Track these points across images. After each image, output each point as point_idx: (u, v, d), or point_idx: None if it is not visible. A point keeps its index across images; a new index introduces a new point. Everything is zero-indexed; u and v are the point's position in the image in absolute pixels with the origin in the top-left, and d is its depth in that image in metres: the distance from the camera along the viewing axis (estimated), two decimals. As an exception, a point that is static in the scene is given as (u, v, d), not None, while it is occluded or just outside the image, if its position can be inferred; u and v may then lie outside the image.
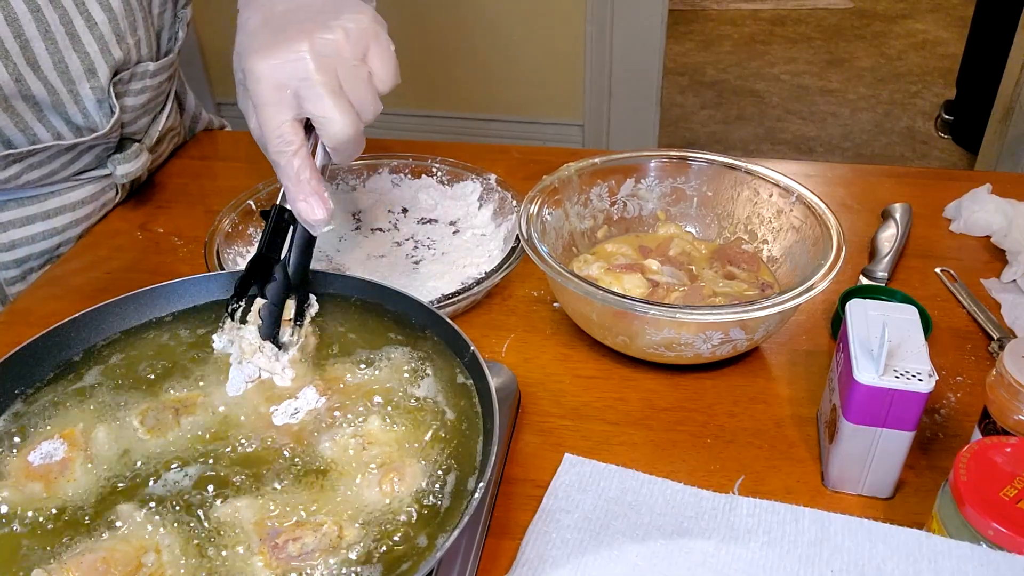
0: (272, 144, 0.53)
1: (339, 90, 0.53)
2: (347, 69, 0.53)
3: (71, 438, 0.51)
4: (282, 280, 0.57)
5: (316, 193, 0.54)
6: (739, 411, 0.64)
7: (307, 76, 0.52)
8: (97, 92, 0.80)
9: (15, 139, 0.79)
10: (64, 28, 0.75)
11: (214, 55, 2.83)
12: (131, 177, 0.88)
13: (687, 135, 3.05)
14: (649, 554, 0.50)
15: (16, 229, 0.84)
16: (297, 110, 0.53)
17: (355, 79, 0.53)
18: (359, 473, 0.50)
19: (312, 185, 0.54)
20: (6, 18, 0.72)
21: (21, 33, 0.73)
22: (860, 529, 0.50)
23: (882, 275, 0.76)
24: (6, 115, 0.76)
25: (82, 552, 0.45)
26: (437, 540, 0.45)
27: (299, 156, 0.53)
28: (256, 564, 0.44)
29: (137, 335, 0.60)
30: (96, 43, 0.78)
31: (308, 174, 0.54)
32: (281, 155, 0.53)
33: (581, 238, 0.77)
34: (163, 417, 0.53)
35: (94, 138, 0.82)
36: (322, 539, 0.45)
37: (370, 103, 0.55)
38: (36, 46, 0.74)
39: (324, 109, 0.52)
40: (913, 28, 3.88)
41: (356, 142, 0.54)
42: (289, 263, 0.58)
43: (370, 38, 0.55)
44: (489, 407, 0.51)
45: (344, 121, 0.53)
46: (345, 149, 0.54)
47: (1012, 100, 2.30)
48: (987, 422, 0.52)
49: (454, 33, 2.56)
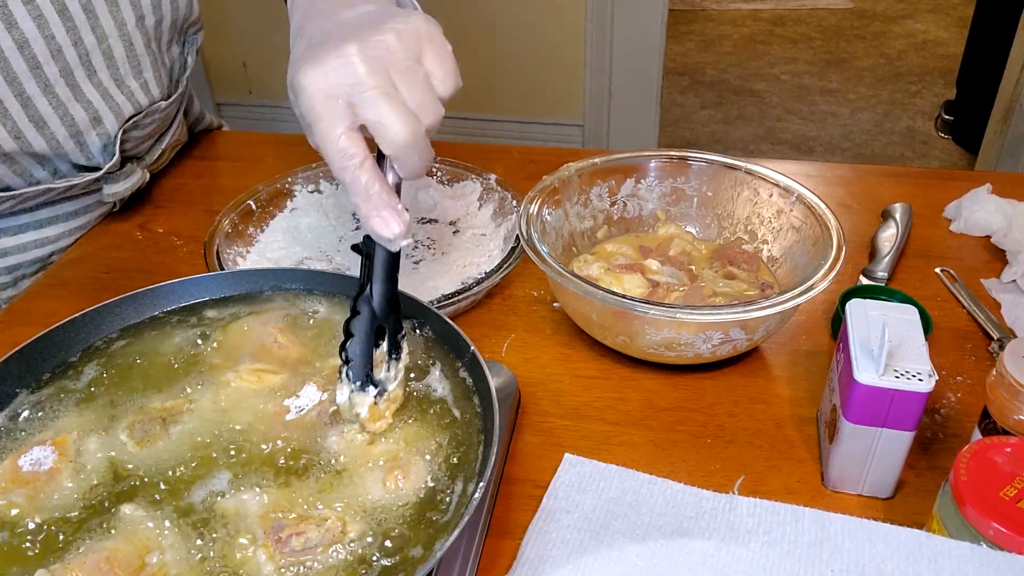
0: (334, 160, 0.49)
1: (394, 92, 0.48)
2: (401, 71, 0.49)
3: (62, 446, 0.51)
4: (367, 313, 0.52)
5: (389, 206, 0.49)
6: (739, 411, 0.64)
7: (358, 81, 0.48)
8: (103, 138, 0.79)
9: (13, 183, 0.78)
10: (65, 80, 0.74)
11: (213, 55, 2.83)
12: (118, 197, 0.86)
13: (687, 135, 3.05)
14: (649, 554, 0.50)
15: (8, 237, 0.83)
16: (352, 119, 0.48)
17: (411, 81, 0.49)
18: (365, 469, 0.50)
19: (384, 199, 0.49)
20: (5, 77, 0.70)
21: (22, 92, 0.71)
22: (860, 529, 0.50)
23: (882, 275, 0.76)
24: (4, 166, 0.75)
25: (85, 552, 0.45)
26: (436, 542, 0.45)
27: (365, 169, 0.49)
28: (260, 557, 0.45)
29: (136, 335, 0.60)
30: (97, 91, 0.77)
31: (378, 187, 0.49)
32: (345, 171, 0.49)
33: (581, 238, 0.77)
34: (151, 428, 0.52)
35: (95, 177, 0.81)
36: (326, 534, 0.45)
37: (430, 106, 0.50)
38: (39, 103, 0.73)
39: (378, 113, 0.48)
40: (913, 28, 3.88)
41: (418, 149, 0.49)
42: (374, 293, 0.52)
43: (424, 39, 0.51)
44: (489, 407, 0.51)
45: (401, 125, 0.48)
46: (407, 157, 0.49)
47: (1012, 100, 2.30)
48: (987, 422, 0.52)
49: (454, 33, 2.54)
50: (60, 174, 0.81)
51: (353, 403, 0.53)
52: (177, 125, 0.96)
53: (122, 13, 0.78)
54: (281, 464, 0.50)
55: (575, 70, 2.59)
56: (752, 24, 3.97)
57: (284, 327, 0.60)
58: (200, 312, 0.62)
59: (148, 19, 0.81)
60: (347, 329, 0.52)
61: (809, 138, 3.01)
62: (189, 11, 0.88)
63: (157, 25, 0.83)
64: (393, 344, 0.54)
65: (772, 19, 4.02)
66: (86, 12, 0.74)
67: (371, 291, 0.52)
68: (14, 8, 0.69)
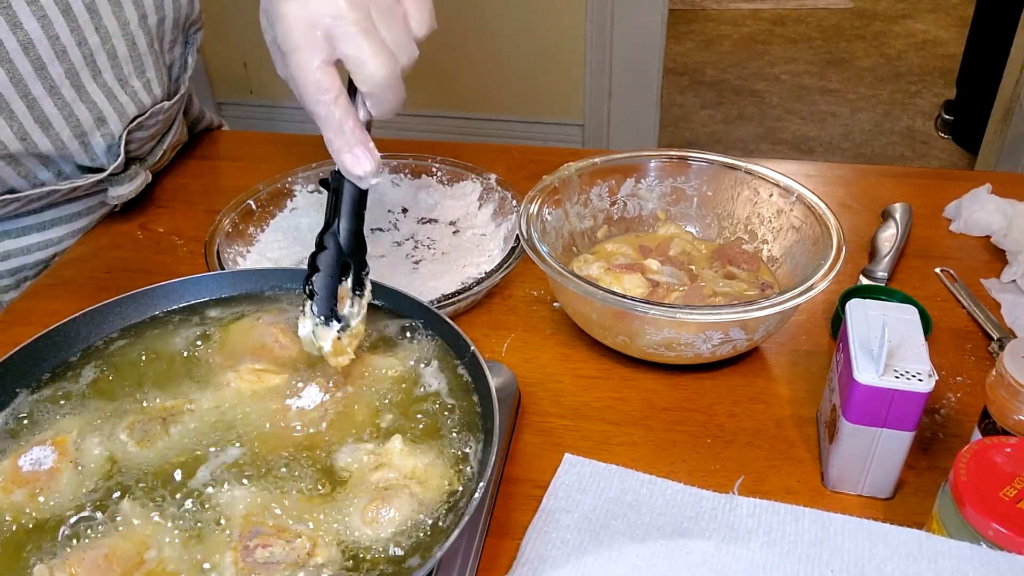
0: (308, 92, 0.49)
1: (373, 29, 0.49)
2: (381, 9, 0.49)
3: (62, 446, 0.51)
4: (333, 248, 0.53)
5: (361, 143, 0.50)
6: (739, 411, 0.64)
7: (339, 13, 0.48)
8: (108, 139, 0.79)
9: (17, 185, 0.78)
10: (70, 81, 0.74)
11: (214, 55, 2.83)
12: (124, 199, 0.86)
13: (687, 135, 3.05)
14: (649, 554, 0.50)
15: (10, 240, 0.83)
16: (330, 52, 0.49)
17: (390, 18, 0.50)
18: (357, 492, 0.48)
19: (356, 135, 0.50)
20: (11, 78, 0.70)
21: (28, 93, 0.71)
22: (860, 529, 0.50)
23: (882, 275, 0.76)
24: (10, 168, 0.75)
25: (84, 549, 0.45)
26: (435, 544, 0.45)
27: (339, 104, 0.49)
28: (227, 559, 0.45)
29: (137, 335, 0.60)
30: (102, 91, 0.77)
31: (351, 123, 0.50)
32: (319, 104, 0.49)
33: (581, 238, 0.77)
34: (151, 428, 0.52)
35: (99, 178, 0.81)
36: (291, 552, 0.44)
37: (406, 45, 0.51)
38: (45, 104, 0.73)
39: (358, 48, 0.48)
40: (913, 28, 3.88)
41: (394, 88, 0.50)
42: (340, 228, 0.53)
43: None
44: (489, 407, 0.51)
45: (379, 61, 0.49)
46: (383, 95, 0.50)
47: (1012, 100, 2.30)
48: (987, 422, 0.52)
49: (454, 33, 2.56)
50: (64, 176, 0.81)
51: (317, 336, 0.53)
52: (177, 125, 0.96)
53: (125, 12, 0.78)
54: (282, 471, 0.50)
55: (575, 70, 2.59)
56: (752, 24, 3.97)
57: (286, 327, 0.60)
58: (201, 312, 0.62)
59: (151, 18, 0.81)
60: (312, 263, 0.53)
61: (809, 138, 3.01)
62: (191, 9, 0.88)
63: (160, 24, 0.83)
64: (357, 280, 0.54)
65: (772, 19, 4.02)
66: (89, 11, 0.74)
67: (338, 227, 0.53)
68: (18, 9, 0.69)
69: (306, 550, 0.45)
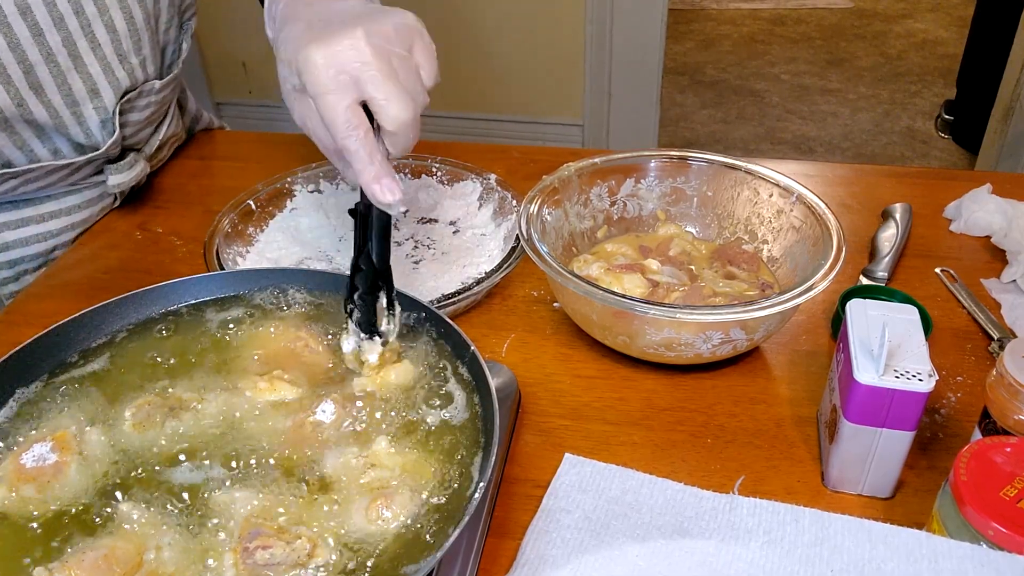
0: (340, 130, 0.54)
1: (396, 75, 0.54)
2: (399, 59, 0.55)
3: (62, 441, 0.51)
4: (368, 269, 0.57)
5: (389, 175, 0.54)
6: (739, 411, 0.64)
7: (366, 60, 0.53)
8: (101, 113, 0.80)
9: (14, 158, 0.78)
10: (67, 50, 0.75)
11: (213, 55, 2.82)
12: (124, 187, 0.87)
13: (687, 135, 3.05)
14: (649, 554, 0.50)
15: (10, 231, 0.83)
16: (357, 94, 0.53)
17: (406, 68, 0.55)
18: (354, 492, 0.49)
19: (385, 167, 0.54)
20: (8, 43, 0.71)
21: (24, 58, 0.72)
22: (860, 529, 0.50)
23: (882, 275, 0.76)
24: (5, 135, 0.76)
25: (83, 550, 0.45)
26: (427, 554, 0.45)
27: (369, 139, 0.54)
28: (227, 560, 0.45)
29: (136, 335, 0.60)
30: (99, 64, 0.78)
31: (380, 156, 0.54)
32: (350, 139, 0.53)
33: (581, 238, 0.77)
34: (153, 415, 0.53)
35: (94, 156, 0.82)
36: (291, 554, 0.45)
37: (420, 93, 0.56)
38: (40, 70, 0.74)
39: (385, 91, 0.53)
40: (913, 28, 3.88)
41: (413, 128, 0.55)
42: (373, 252, 0.57)
43: (415, 34, 0.57)
44: (489, 407, 0.51)
45: (402, 103, 0.53)
46: (404, 134, 0.55)
47: (1012, 100, 2.30)
48: (987, 422, 0.52)
49: (454, 33, 2.56)
50: (61, 155, 0.81)
51: (363, 350, 0.57)
52: (172, 115, 0.96)
53: None
54: (280, 473, 0.50)
55: (575, 70, 2.59)
56: (752, 24, 3.97)
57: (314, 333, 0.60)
58: (202, 311, 0.62)
59: None
60: (352, 282, 0.57)
61: (809, 138, 3.01)
62: None
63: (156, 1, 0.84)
64: (388, 299, 0.58)
65: (772, 19, 4.01)
66: None
67: (370, 250, 0.57)
68: None
69: (306, 551, 0.45)
